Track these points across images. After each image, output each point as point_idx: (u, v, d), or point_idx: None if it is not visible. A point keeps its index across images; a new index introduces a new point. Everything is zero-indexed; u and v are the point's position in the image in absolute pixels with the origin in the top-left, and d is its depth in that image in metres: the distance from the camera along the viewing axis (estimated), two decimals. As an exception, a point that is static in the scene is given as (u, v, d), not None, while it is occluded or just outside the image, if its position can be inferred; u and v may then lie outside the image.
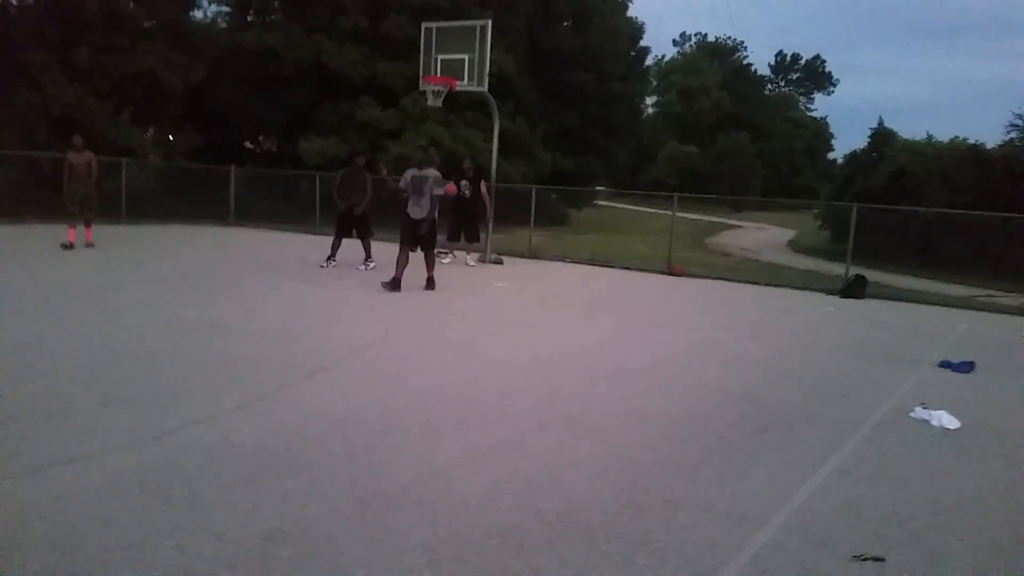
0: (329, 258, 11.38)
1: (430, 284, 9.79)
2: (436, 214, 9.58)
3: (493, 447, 3.94)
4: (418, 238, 9.57)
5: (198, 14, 25.67)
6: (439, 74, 12.57)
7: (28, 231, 14.51)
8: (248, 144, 29.84)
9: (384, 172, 10.14)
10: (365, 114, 23.87)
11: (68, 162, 12.19)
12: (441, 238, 11.05)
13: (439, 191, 9.45)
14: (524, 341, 6.89)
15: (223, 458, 3.53)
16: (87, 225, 12.33)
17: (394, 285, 9.25)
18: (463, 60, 12.42)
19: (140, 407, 4.19)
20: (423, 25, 13.11)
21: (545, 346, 6.68)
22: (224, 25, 26.88)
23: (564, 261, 15.36)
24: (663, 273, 14.10)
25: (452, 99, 13.13)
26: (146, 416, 4.04)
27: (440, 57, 12.64)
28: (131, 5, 20.28)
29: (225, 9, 26.96)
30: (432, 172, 9.43)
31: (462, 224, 13.42)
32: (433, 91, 12.48)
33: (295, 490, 3.21)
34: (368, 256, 11.56)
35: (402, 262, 9.46)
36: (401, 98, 24.27)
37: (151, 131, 21.88)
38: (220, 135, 24.52)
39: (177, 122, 22.24)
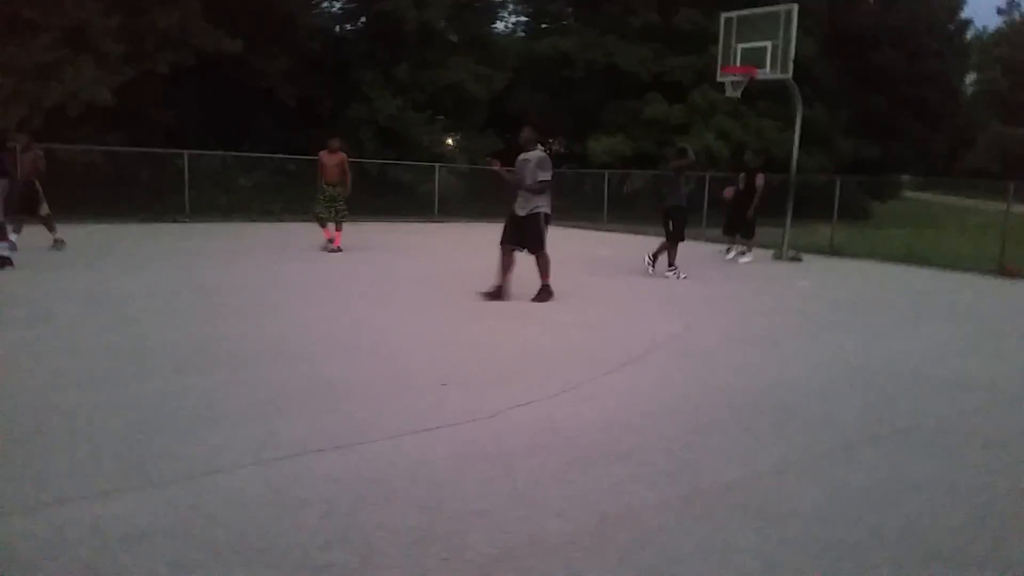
0: (671, 266, 10.21)
1: (542, 294, 7.92)
2: (548, 208, 7.87)
3: (819, 456, 3.73)
4: (521, 237, 7.87)
5: (499, 26, 27.61)
6: (738, 64, 12.18)
7: (358, 226, 16.63)
8: (540, 146, 31.44)
9: (497, 165, 8.32)
10: (652, 110, 23.96)
11: (320, 163, 11.98)
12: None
13: (545, 176, 7.64)
14: (837, 345, 6.42)
15: (551, 439, 3.74)
16: (338, 228, 12.09)
17: (495, 294, 7.88)
18: (764, 48, 11.90)
19: (473, 388, 4.61)
20: (723, 15, 12.78)
21: (863, 352, 6.17)
22: (522, 34, 28.54)
23: (873, 259, 14.08)
24: (993, 274, 12.34)
25: (743, 89, 12.61)
26: (479, 396, 4.43)
27: (740, 46, 12.23)
28: (442, 23, 22.32)
29: (523, 19, 28.60)
30: (535, 154, 7.74)
31: (736, 218, 12.83)
32: (732, 82, 12.13)
33: (622, 477, 3.31)
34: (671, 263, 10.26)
35: (505, 265, 7.94)
36: (689, 92, 23.96)
37: (459, 137, 23.97)
38: (517, 138, 26.13)
39: (480, 128, 24.10)
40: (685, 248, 13.24)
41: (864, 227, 22.78)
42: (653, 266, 10.23)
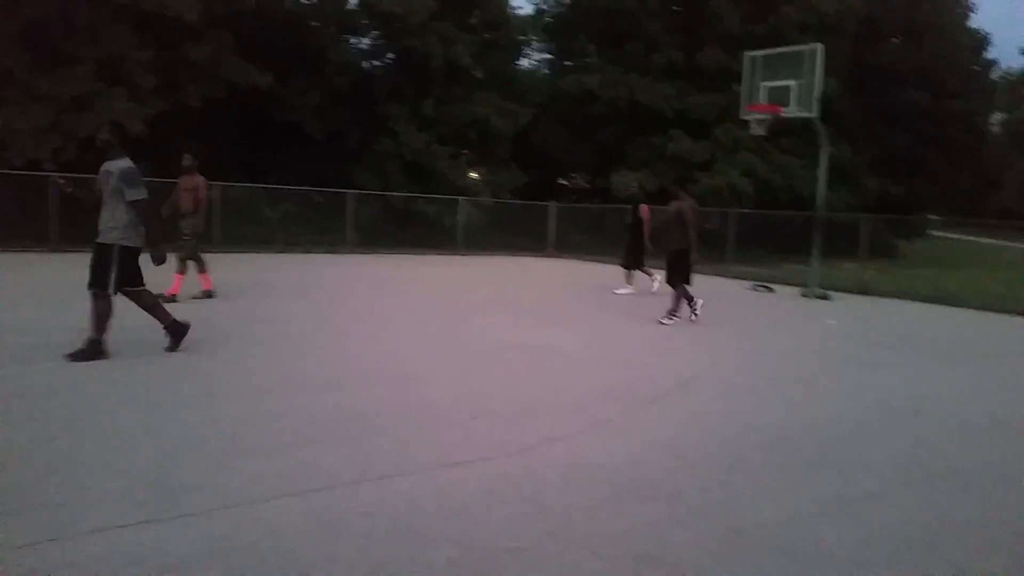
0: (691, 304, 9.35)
1: (85, 352, 5.66)
2: (133, 238, 5.86)
3: (855, 498, 3.66)
4: (101, 273, 5.76)
5: (524, 62, 28.03)
6: (763, 102, 12.23)
7: (384, 258, 16.77)
8: (562, 180, 31.62)
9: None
10: (676, 146, 24.06)
11: (178, 188, 9.28)
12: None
13: (135, 195, 5.72)
14: (870, 385, 6.33)
15: (582, 476, 3.71)
16: (180, 271, 9.05)
17: (88, 352, 5.66)
18: (788, 86, 11.95)
19: (502, 422, 4.59)
20: (747, 54, 12.87)
21: (896, 392, 6.08)
22: (546, 71, 28.90)
23: (902, 298, 13.91)
24: (1027, 316, 12.14)
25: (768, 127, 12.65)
26: (508, 430, 4.41)
27: (764, 84, 12.30)
28: (468, 60, 22.66)
29: (547, 56, 28.98)
30: (120, 164, 5.76)
31: (633, 252, 12.42)
32: (757, 119, 12.17)
33: (656, 515, 3.27)
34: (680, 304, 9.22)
35: (99, 313, 5.74)
36: (713, 129, 24.07)
37: (483, 171, 24.20)
38: (540, 173, 26.37)
39: (505, 162, 24.32)
40: (711, 282, 13.18)
41: (891, 265, 22.59)
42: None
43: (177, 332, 6.19)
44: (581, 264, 19.19)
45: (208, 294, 9.32)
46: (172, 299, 8.56)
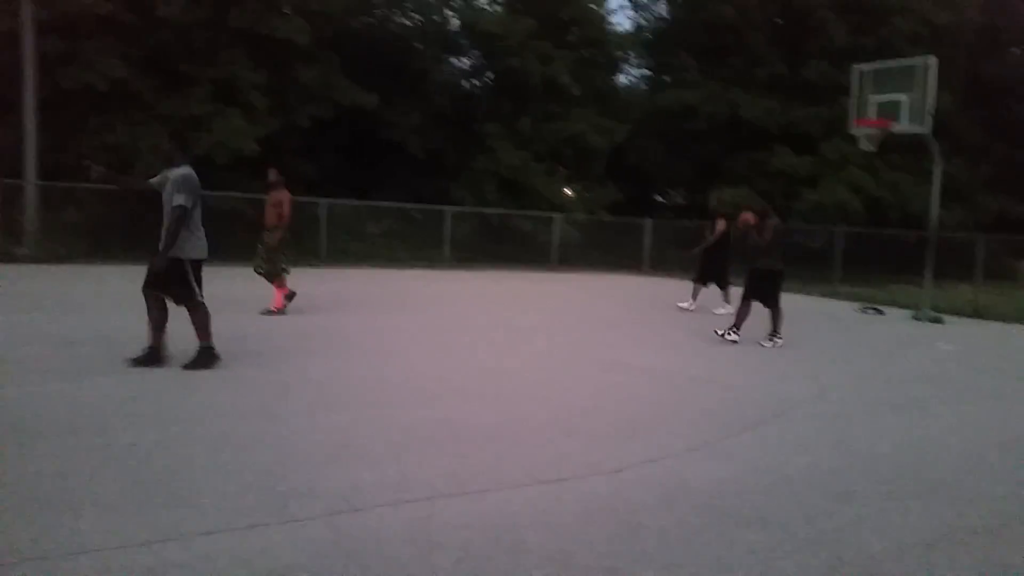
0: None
1: (200, 359, 5.95)
2: (193, 250, 5.94)
3: (971, 531, 3.46)
4: (157, 280, 5.94)
5: (622, 78, 27.97)
6: (872, 117, 11.75)
7: (480, 273, 17.00)
8: (658, 197, 31.24)
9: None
10: (779, 162, 23.38)
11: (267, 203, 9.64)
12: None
13: (181, 200, 5.75)
14: (987, 413, 5.97)
15: (680, 499, 3.65)
16: (275, 285, 9.25)
17: (148, 358, 5.95)
18: (900, 101, 11.44)
19: (598, 440, 4.57)
20: (855, 67, 12.41)
21: (1017, 422, 5.71)
22: (644, 87, 28.71)
23: (1022, 323, 13.02)
24: None
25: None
26: (604, 449, 4.39)
27: (873, 99, 11.82)
28: (565, 77, 22.79)
29: (646, 72, 28.80)
30: (178, 172, 5.88)
31: (707, 267, 12.10)
32: (866, 135, 11.71)
33: (759, 543, 3.18)
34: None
35: (153, 320, 6.04)
36: (819, 143, 23.29)
37: (579, 187, 24.19)
38: (635, 190, 26.12)
39: (600, 179, 24.26)
40: (818, 303, 12.67)
41: (1010, 288, 21.17)
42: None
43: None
44: (677, 282, 18.87)
45: (276, 310, 9.20)
46: (281, 312, 9.08)
